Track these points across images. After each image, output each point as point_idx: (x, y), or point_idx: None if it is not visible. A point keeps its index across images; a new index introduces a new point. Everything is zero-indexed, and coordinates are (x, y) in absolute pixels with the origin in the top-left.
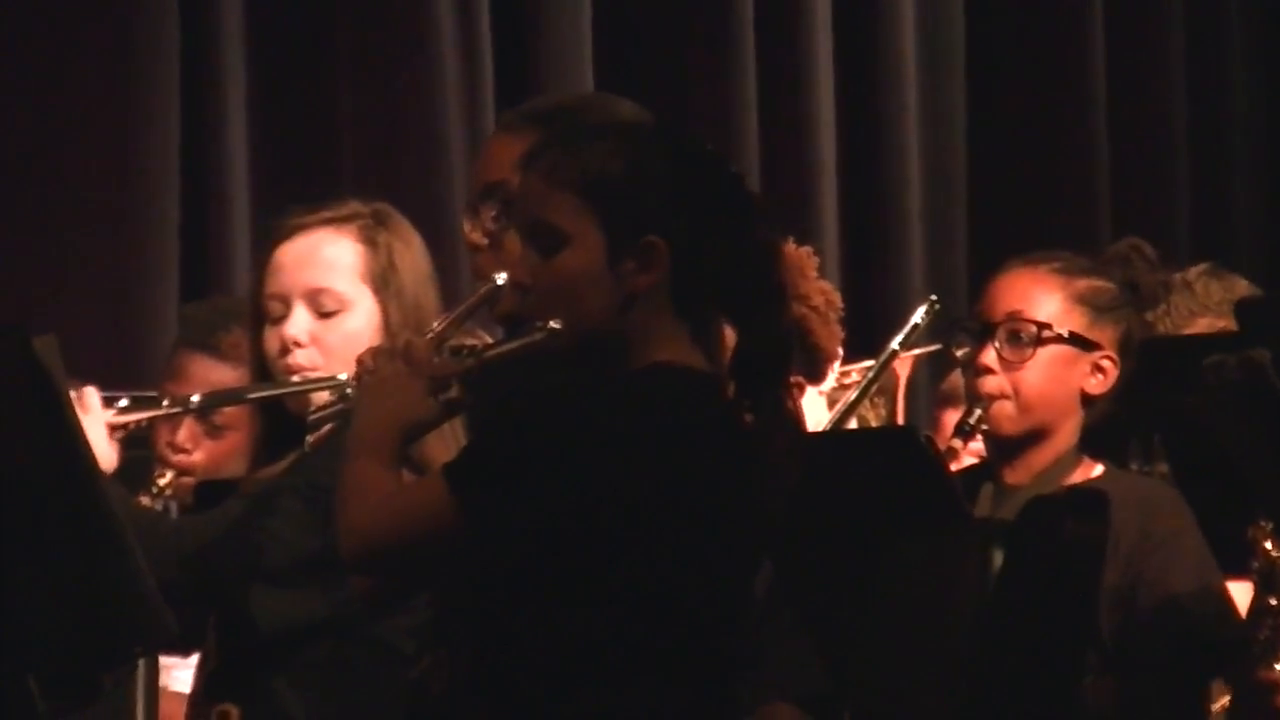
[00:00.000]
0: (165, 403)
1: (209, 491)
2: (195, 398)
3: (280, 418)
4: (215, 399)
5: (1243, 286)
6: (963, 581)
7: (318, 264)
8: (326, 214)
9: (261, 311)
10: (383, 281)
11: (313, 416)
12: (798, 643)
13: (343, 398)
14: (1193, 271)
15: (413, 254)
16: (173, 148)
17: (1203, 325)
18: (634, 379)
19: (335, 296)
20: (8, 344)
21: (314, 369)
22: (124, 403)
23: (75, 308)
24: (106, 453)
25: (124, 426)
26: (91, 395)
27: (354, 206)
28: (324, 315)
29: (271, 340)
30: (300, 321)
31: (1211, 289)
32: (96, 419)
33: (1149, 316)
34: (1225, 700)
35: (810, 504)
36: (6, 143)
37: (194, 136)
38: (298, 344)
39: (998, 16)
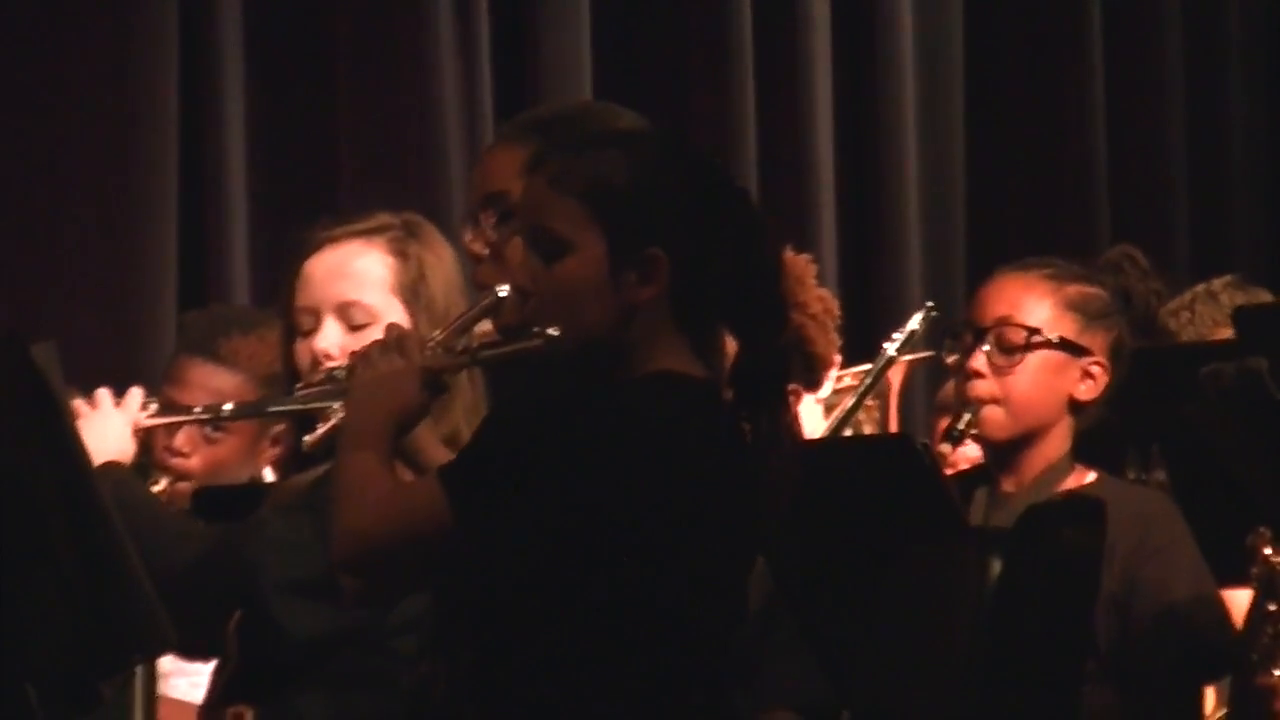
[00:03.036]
0: (197, 409)
1: (207, 497)
2: (227, 406)
3: (312, 429)
4: (247, 410)
5: (1266, 298)
6: (961, 590)
7: (348, 277)
8: (357, 226)
9: (292, 324)
10: (413, 294)
11: (300, 390)
12: (798, 651)
13: (331, 379)
14: (1218, 282)
15: (443, 265)
16: (171, 157)
17: (1226, 333)
18: (632, 386)
19: (366, 309)
20: (6, 351)
21: None
22: (155, 406)
23: (74, 315)
24: (126, 448)
25: (152, 429)
26: (135, 395)
27: (384, 218)
28: (355, 328)
29: (303, 353)
30: (331, 335)
31: (1236, 299)
32: (128, 416)
33: (1172, 325)
34: (1221, 714)
35: (808, 512)
36: (5, 151)
37: (192, 145)
38: (329, 357)
39: (996, 25)
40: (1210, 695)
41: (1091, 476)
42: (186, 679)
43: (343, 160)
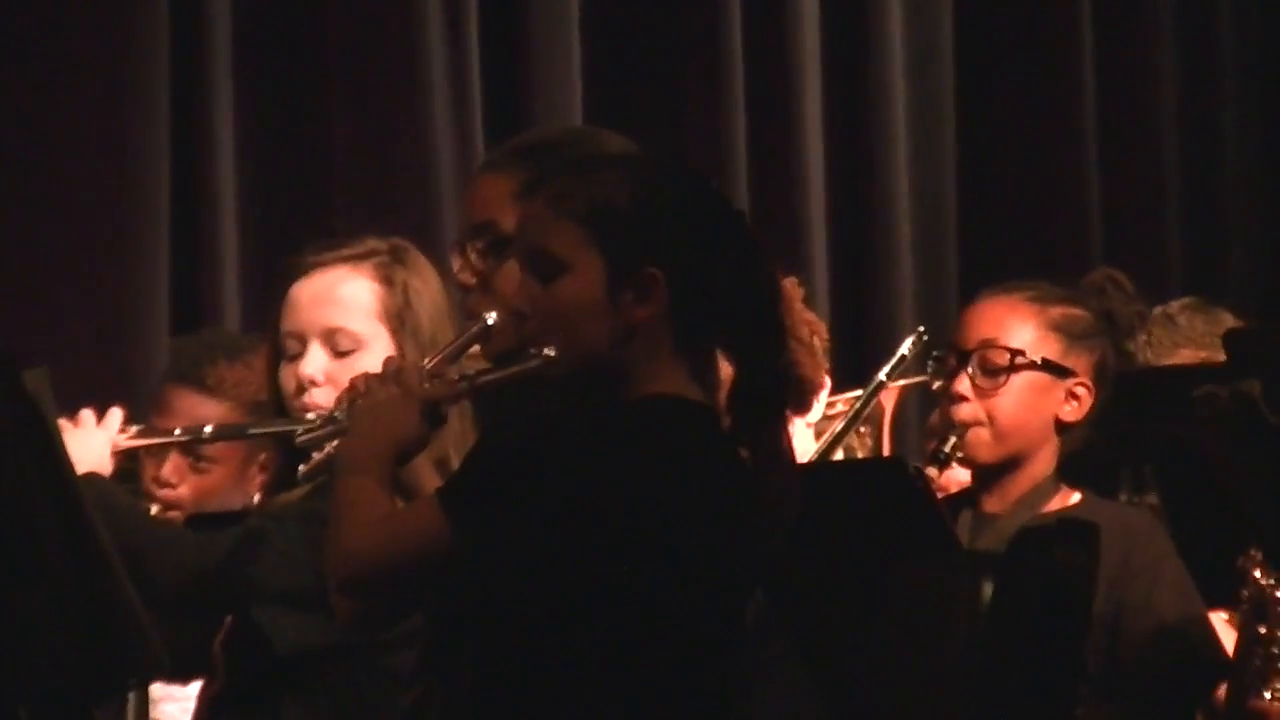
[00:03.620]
0: (177, 431)
1: (199, 524)
2: (207, 429)
3: (293, 453)
4: (227, 432)
5: (1228, 319)
6: (955, 611)
7: (334, 303)
8: (344, 251)
9: (278, 348)
10: (399, 321)
11: (302, 438)
12: (794, 672)
13: (331, 421)
14: (1175, 305)
15: (430, 291)
16: (163, 179)
17: (1184, 357)
18: (630, 409)
19: (351, 336)
20: None
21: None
22: (135, 429)
23: (65, 340)
24: (103, 464)
25: (133, 450)
26: (115, 414)
27: (371, 244)
28: (340, 354)
29: (288, 378)
30: (316, 361)
31: (1195, 322)
32: (108, 434)
33: (1130, 347)
34: None
35: (802, 535)
36: None
37: (184, 168)
38: (314, 383)
39: (988, 46)
40: None
41: (1076, 497)
42: (177, 705)
43: (334, 182)
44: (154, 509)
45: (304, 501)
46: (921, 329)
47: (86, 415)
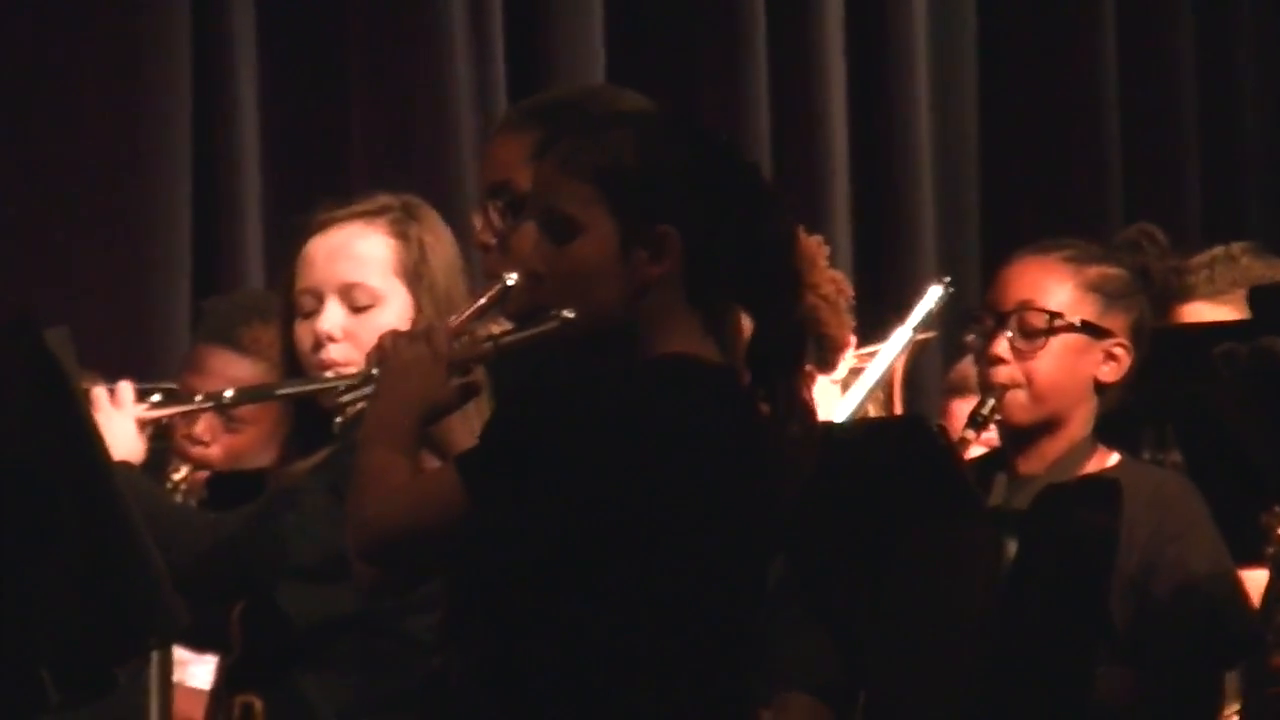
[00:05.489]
0: (198, 398)
1: (223, 484)
2: (229, 393)
3: (311, 412)
4: (249, 394)
5: None
6: (976, 570)
7: (350, 258)
8: (357, 208)
9: (293, 306)
10: (415, 275)
11: (344, 397)
12: (813, 633)
13: (367, 380)
14: (1236, 246)
15: (443, 246)
16: (184, 141)
17: (1240, 297)
18: (646, 369)
19: (368, 291)
20: (19, 335)
21: (348, 364)
22: (157, 398)
23: (87, 301)
24: (134, 447)
25: (155, 421)
26: (126, 390)
27: (384, 200)
28: (357, 310)
29: (304, 335)
30: (333, 316)
31: (1255, 266)
32: (127, 414)
33: (1190, 280)
34: (1235, 708)
35: (823, 493)
36: (18, 137)
37: (205, 130)
38: (331, 339)
39: (1009, 3)
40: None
41: (1114, 459)
42: (205, 667)
43: (356, 146)
44: (185, 468)
45: (311, 474)
46: (948, 279)
47: (100, 394)
